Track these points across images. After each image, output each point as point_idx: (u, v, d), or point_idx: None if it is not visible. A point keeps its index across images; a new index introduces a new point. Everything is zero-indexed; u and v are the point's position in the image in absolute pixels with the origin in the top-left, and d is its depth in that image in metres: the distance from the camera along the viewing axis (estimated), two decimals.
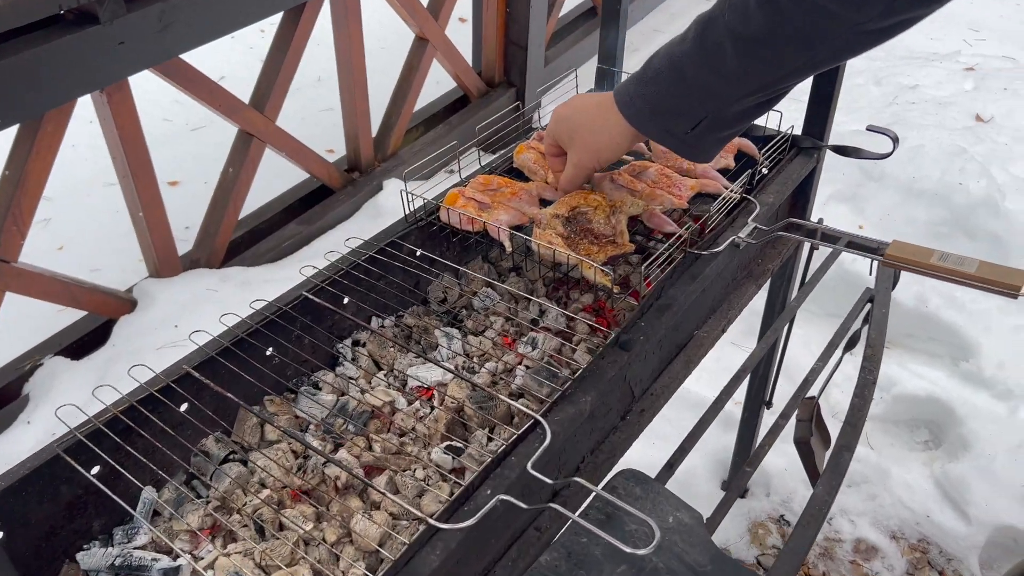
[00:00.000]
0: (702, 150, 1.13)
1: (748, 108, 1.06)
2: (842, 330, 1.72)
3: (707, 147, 1.13)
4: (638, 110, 1.11)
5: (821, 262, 1.83)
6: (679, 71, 1.06)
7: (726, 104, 1.05)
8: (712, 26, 1.01)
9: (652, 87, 1.09)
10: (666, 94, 1.08)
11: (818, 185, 1.88)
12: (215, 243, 2.90)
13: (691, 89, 1.05)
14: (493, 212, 1.48)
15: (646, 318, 1.30)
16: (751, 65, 1.01)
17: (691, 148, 1.12)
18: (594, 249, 1.41)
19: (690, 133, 1.09)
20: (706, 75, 1.03)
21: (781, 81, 1.04)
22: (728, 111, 1.06)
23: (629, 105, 1.12)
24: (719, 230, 1.49)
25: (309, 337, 1.41)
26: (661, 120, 1.10)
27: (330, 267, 1.40)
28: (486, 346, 1.51)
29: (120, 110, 2.34)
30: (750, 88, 1.03)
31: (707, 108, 1.06)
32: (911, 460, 2.70)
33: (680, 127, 1.09)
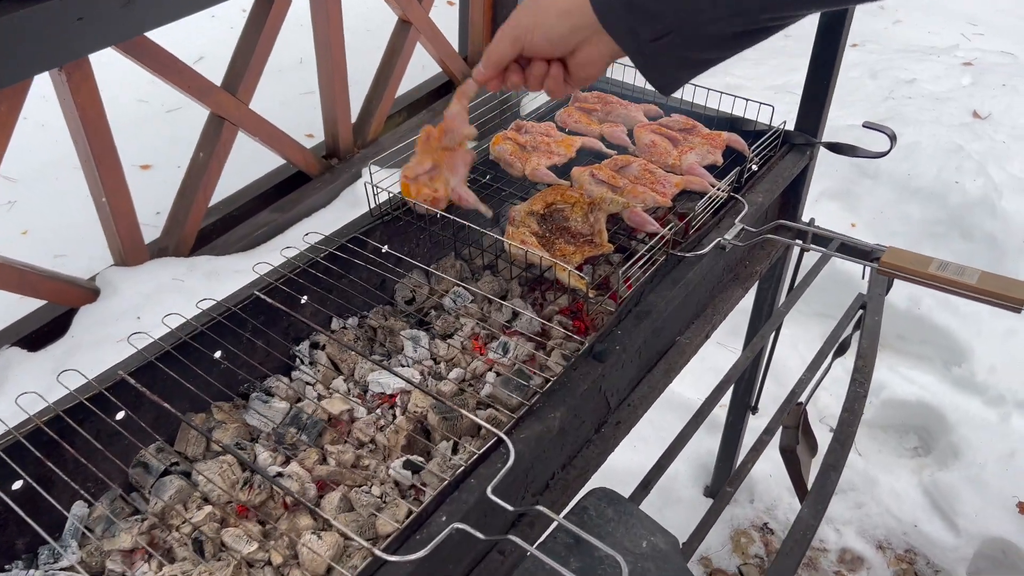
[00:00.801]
0: (662, 70, 0.96)
1: (727, 35, 0.91)
2: (832, 337, 1.65)
3: (668, 68, 0.96)
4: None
5: (812, 264, 1.75)
6: None
7: (701, 18, 0.90)
8: None
9: None
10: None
11: (810, 183, 1.80)
12: (184, 231, 2.79)
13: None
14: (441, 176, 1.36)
15: (623, 325, 1.21)
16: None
17: (649, 63, 0.96)
18: (570, 249, 1.33)
19: (654, 42, 0.93)
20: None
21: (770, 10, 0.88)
22: (703, 29, 0.91)
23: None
24: (704, 230, 1.41)
25: (263, 339, 1.32)
26: (627, 14, 0.93)
27: (286, 264, 1.31)
28: (455, 350, 1.43)
29: (80, 90, 2.23)
30: (733, 7, 0.88)
31: (682, 18, 0.90)
32: (900, 467, 2.64)
33: (645, 31, 0.93)
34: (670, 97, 1.77)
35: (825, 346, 1.60)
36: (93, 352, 2.27)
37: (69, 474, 1.06)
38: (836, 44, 1.52)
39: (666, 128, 1.61)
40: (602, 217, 1.37)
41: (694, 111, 1.73)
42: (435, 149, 1.29)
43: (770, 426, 1.39)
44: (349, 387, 1.37)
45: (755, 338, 1.47)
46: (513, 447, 0.99)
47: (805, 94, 1.63)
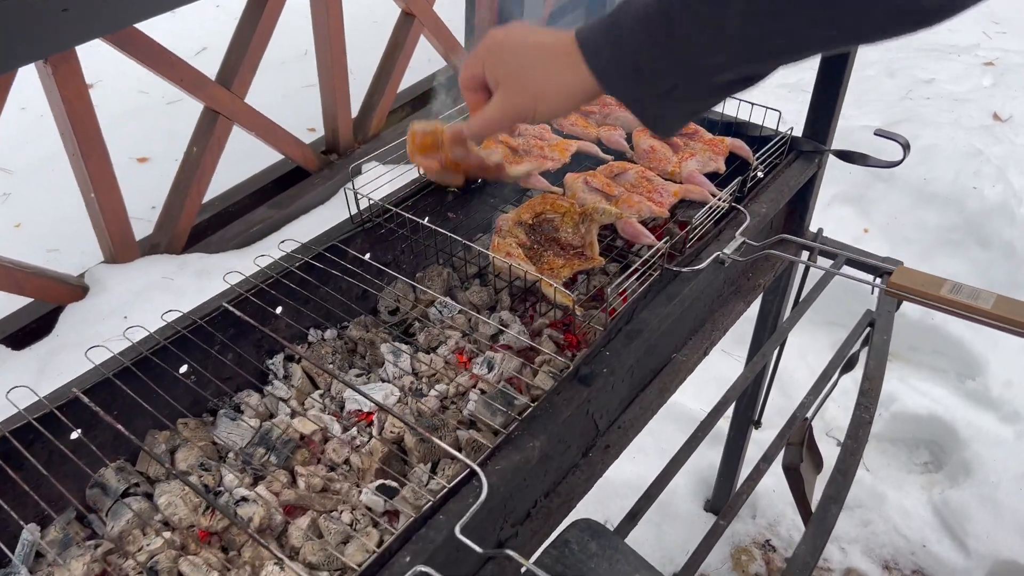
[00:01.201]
0: (666, 121, 0.92)
1: (733, 81, 0.87)
2: (839, 354, 1.57)
3: (673, 119, 0.92)
4: (606, 61, 0.89)
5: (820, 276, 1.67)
6: (666, 22, 0.84)
7: (713, 72, 0.85)
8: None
9: (628, 35, 0.87)
10: (643, 47, 0.86)
11: (819, 190, 1.72)
12: (176, 227, 2.74)
13: (675, 47, 0.85)
14: None
15: (613, 345, 1.15)
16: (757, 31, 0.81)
17: (654, 116, 0.91)
18: (559, 262, 1.26)
19: (659, 99, 0.89)
20: (698, 33, 0.83)
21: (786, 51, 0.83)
22: (711, 80, 0.86)
23: (596, 54, 0.89)
24: (703, 243, 1.34)
25: (233, 352, 1.26)
26: (631, 77, 0.88)
27: (258, 274, 1.25)
28: (438, 365, 1.36)
29: (67, 83, 2.18)
30: (747, 55, 0.83)
31: (688, 73, 0.86)
32: (909, 483, 2.56)
33: (650, 90, 0.88)
34: None
35: (832, 363, 1.53)
36: (77, 352, 2.21)
37: (19, 496, 1.01)
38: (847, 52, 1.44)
39: None
40: (594, 228, 1.30)
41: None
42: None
43: (772, 449, 1.32)
44: (325, 403, 1.31)
45: (757, 356, 1.39)
46: (487, 480, 0.93)
47: (814, 99, 1.55)
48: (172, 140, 3.86)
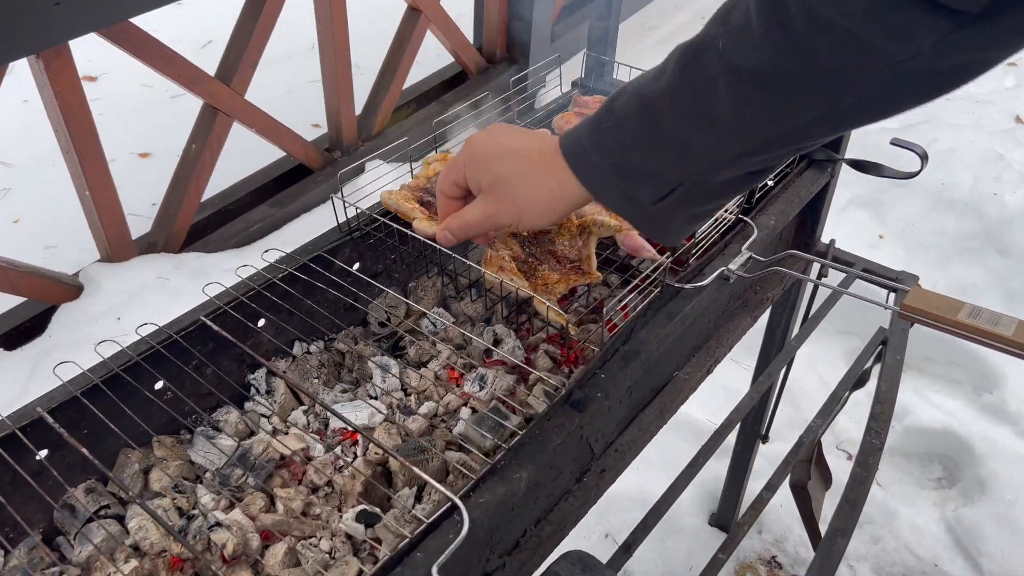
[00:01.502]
0: (669, 228, 0.85)
1: (736, 178, 0.80)
2: (851, 373, 1.51)
3: (676, 225, 0.85)
4: (593, 165, 0.83)
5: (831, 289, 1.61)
6: (651, 117, 0.78)
7: (711, 168, 0.79)
8: (700, 57, 0.75)
9: (614, 136, 0.81)
10: (632, 147, 0.80)
11: (832, 198, 1.65)
12: (174, 226, 2.70)
13: (666, 143, 0.78)
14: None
15: (608, 367, 1.09)
16: (751, 113, 0.74)
17: (655, 224, 0.85)
18: (554, 277, 1.20)
19: (657, 204, 0.82)
20: (688, 125, 0.76)
21: (788, 139, 0.75)
22: (711, 178, 0.80)
23: (582, 160, 0.84)
24: (707, 257, 1.27)
25: (213, 366, 1.21)
26: (622, 181, 0.82)
27: (239, 286, 1.20)
28: (427, 381, 1.31)
29: (60, 79, 2.14)
30: (746, 146, 0.76)
31: (684, 172, 0.79)
32: (921, 500, 2.49)
33: (645, 194, 0.82)
34: None
35: (842, 383, 1.46)
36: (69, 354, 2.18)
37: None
38: None
39: None
40: (591, 242, 1.24)
41: None
42: None
43: (776, 477, 1.26)
44: (309, 420, 1.26)
45: (763, 375, 1.34)
46: (469, 515, 0.87)
47: None
48: (175, 135, 3.83)
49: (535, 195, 0.89)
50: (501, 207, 0.92)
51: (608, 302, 1.42)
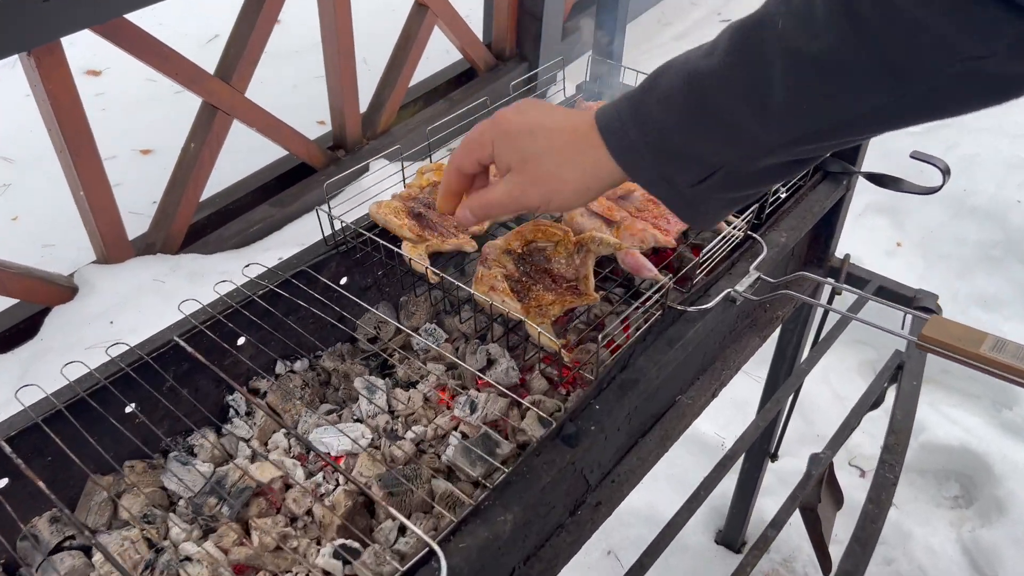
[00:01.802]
0: (704, 212, 0.81)
1: (780, 165, 0.76)
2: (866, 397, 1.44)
3: (712, 210, 0.81)
4: (631, 143, 0.79)
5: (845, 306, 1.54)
6: (699, 96, 0.74)
7: (757, 154, 0.74)
8: (757, 37, 0.70)
9: (656, 113, 0.77)
10: (675, 127, 0.76)
11: (848, 211, 1.58)
12: (172, 226, 2.66)
13: (712, 125, 0.74)
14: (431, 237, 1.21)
15: (604, 398, 1.03)
16: (807, 100, 0.69)
17: (689, 207, 0.81)
18: (549, 297, 1.14)
19: (694, 187, 0.78)
20: (739, 107, 0.72)
21: (842, 131, 0.71)
22: (755, 164, 0.76)
23: (619, 136, 0.79)
24: (713, 276, 1.21)
25: (189, 387, 1.16)
26: (661, 161, 0.78)
27: (217, 303, 1.15)
28: (416, 403, 1.25)
29: (51, 76, 2.09)
30: (797, 134, 0.72)
31: (728, 156, 0.75)
32: (937, 519, 2.42)
33: (683, 176, 0.77)
34: None
35: (856, 409, 1.39)
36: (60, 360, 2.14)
37: None
38: None
39: None
40: (589, 260, 1.17)
41: None
42: None
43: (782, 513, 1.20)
44: (290, 443, 1.21)
45: (771, 401, 1.27)
46: (447, 563, 0.81)
47: None
48: (178, 131, 3.78)
49: (568, 174, 0.83)
50: (530, 187, 0.86)
51: (609, 320, 1.36)
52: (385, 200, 1.25)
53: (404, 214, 1.23)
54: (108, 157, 3.81)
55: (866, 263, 2.98)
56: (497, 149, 0.87)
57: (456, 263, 1.49)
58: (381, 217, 1.19)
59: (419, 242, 1.16)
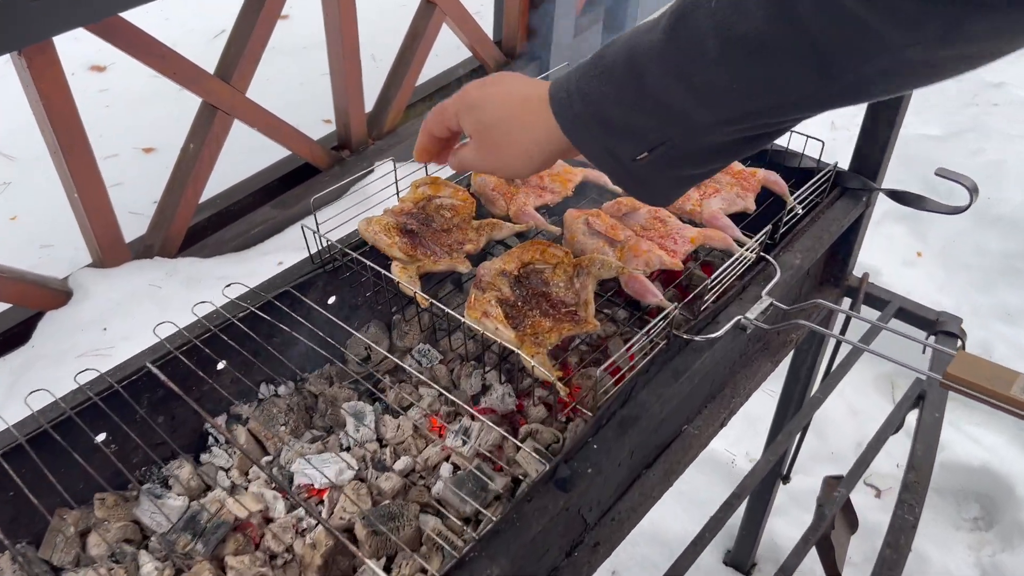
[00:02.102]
0: (654, 188, 0.82)
1: (728, 143, 0.76)
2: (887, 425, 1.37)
3: (661, 186, 0.81)
4: (575, 114, 0.80)
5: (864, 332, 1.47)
6: (637, 70, 0.74)
7: (693, 132, 0.75)
8: (692, 15, 0.70)
9: (598, 85, 0.77)
10: (615, 99, 0.77)
11: (866, 230, 1.50)
12: (170, 228, 2.61)
13: (649, 100, 0.74)
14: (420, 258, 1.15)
15: (602, 436, 0.96)
16: (739, 80, 0.69)
17: (638, 183, 0.81)
18: (546, 324, 1.07)
19: (639, 161, 0.78)
20: (673, 83, 0.72)
21: (777, 111, 0.71)
22: (698, 141, 0.76)
23: (564, 105, 0.81)
24: (723, 301, 1.14)
25: (165, 413, 1.10)
26: (603, 134, 0.79)
27: (193, 327, 1.09)
28: (406, 431, 1.19)
29: (43, 76, 2.04)
30: (732, 113, 0.72)
31: (667, 131, 0.75)
32: (955, 541, 2.34)
33: (625, 150, 0.78)
34: None
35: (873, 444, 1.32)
36: (51, 368, 2.11)
37: None
38: None
39: None
40: (590, 284, 1.11)
41: None
42: None
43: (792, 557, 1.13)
44: (273, 473, 1.15)
45: (781, 435, 1.20)
46: None
47: (864, 130, 1.34)
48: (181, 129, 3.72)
49: (518, 141, 0.87)
50: (487, 154, 0.91)
51: (612, 343, 1.30)
52: (376, 215, 1.19)
53: (395, 231, 1.16)
54: (109, 155, 3.79)
55: (884, 274, 2.90)
56: (460, 119, 0.93)
57: (454, 278, 1.43)
58: (370, 235, 1.13)
59: (409, 262, 1.10)
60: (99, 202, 2.35)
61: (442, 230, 1.20)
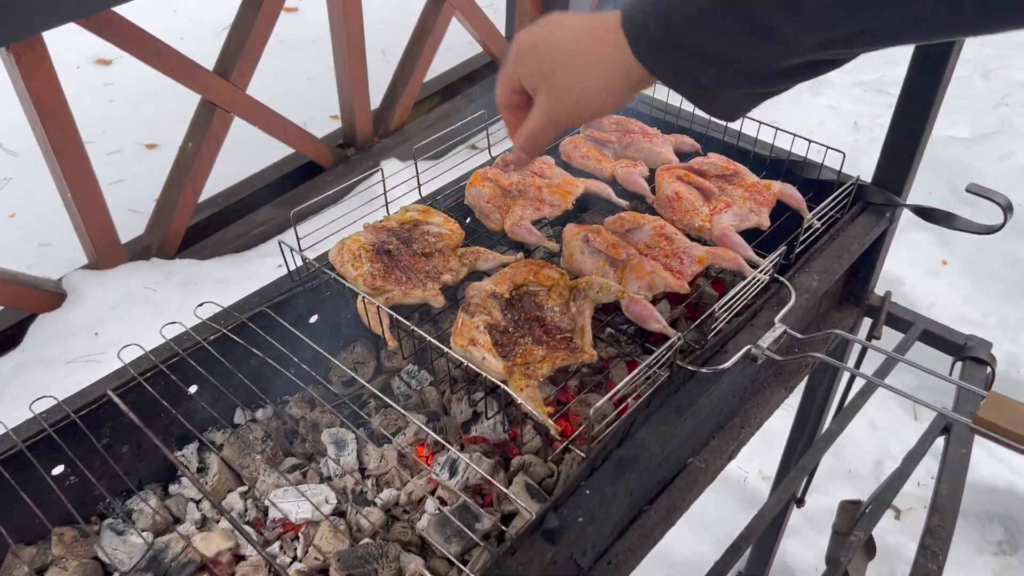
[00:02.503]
0: (727, 105, 0.78)
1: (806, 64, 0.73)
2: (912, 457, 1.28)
3: (735, 103, 0.78)
4: (651, 39, 0.75)
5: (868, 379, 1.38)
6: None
7: (782, 53, 0.71)
8: None
9: (680, 8, 0.72)
10: (700, 21, 0.72)
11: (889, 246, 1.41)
12: (169, 229, 2.56)
13: (741, 22, 0.70)
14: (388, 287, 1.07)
15: (595, 480, 0.89)
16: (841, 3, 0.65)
17: (712, 100, 0.77)
18: (538, 353, 0.99)
19: (718, 84, 0.75)
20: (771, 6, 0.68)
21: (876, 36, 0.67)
22: (778, 63, 0.73)
23: (640, 31, 0.75)
24: (732, 327, 1.06)
25: (132, 441, 1.04)
26: (684, 59, 0.74)
27: (161, 350, 1.02)
28: (390, 460, 1.12)
29: (33, 73, 1.99)
30: (828, 36, 0.68)
31: (752, 53, 0.72)
32: (977, 565, 2.24)
33: (707, 74, 0.75)
34: (708, 128, 1.41)
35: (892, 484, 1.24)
36: (40, 373, 2.06)
37: None
38: (936, 85, 1.14)
39: (697, 174, 1.25)
40: (587, 309, 1.03)
41: (741, 146, 1.37)
42: None
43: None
44: (247, 505, 1.08)
45: (792, 472, 1.12)
46: None
47: (889, 141, 1.25)
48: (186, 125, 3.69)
49: (591, 78, 0.80)
50: (558, 103, 0.83)
51: (614, 365, 1.22)
52: (353, 235, 1.11)
53: (368, 253, 1.09)
54: (112, 151, 3.74)
55: (907, 284, 2.79)
56: (521, 71, 0.85)
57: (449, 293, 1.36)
58: (338, 263, 1.06)
59: (375, 294, 1.03)
60: (94, 203, 2.30)
61: (422, 254, 1.12)
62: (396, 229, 1.14)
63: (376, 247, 1.10)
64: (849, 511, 1.37)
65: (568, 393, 1.22)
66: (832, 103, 3.64)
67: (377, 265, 1.09)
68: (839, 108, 3.60)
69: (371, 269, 1.07)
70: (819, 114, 3.57)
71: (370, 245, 1.10)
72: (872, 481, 2.39)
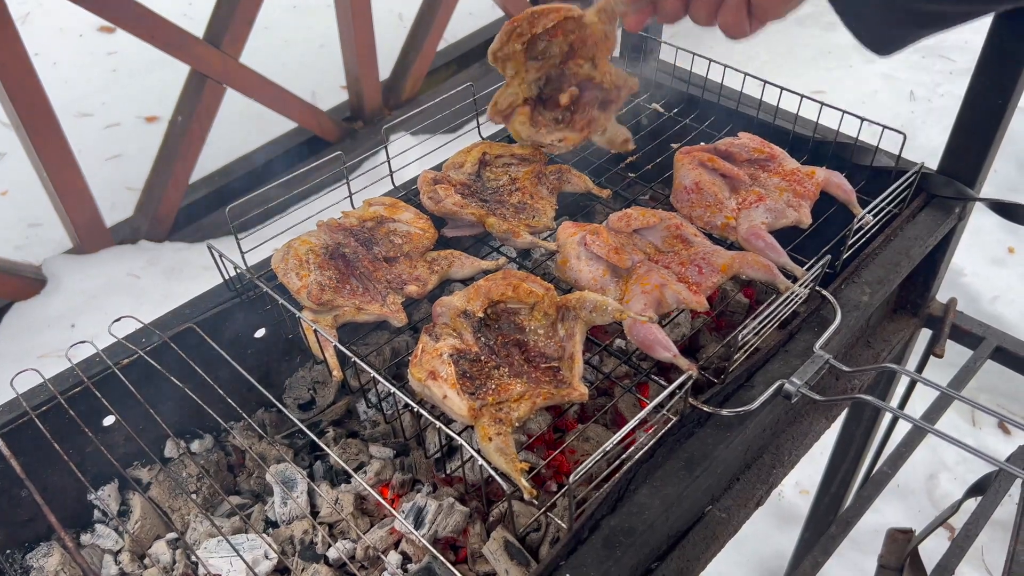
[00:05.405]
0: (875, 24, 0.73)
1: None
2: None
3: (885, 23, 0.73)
4: None
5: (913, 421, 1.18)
6: None
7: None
8: None
9: None
10: None
11: (957, 245, 1.20)
12: (158, 210, 2.42)
13: None
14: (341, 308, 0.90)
15: (579, 559, 0.71)
16: None
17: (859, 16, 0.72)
18: (515, 388, 0.81)
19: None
20: None
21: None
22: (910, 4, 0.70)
23: None
24: (759, 357, 0.86)
25: (38, 481, 0.88)
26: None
27: (63, 378, 0.86)
28: (346, 506, 0.95)
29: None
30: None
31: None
32: None
33: None
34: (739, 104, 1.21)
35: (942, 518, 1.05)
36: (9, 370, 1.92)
37: None
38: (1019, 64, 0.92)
39: (723, 158, 1.05)
40: (579, 331, 0.85)
41: (777, 125, 1.16)
42: None
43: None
44: (175, 556, 0.93)
45: (832, 528, 0.93)
46: None
47: (961, 120, 1.03)
48: None
49: None
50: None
51: (623, 387, 1.04)
52: (302, 236, 0.94)
53: (319, 259, 0.92)
54: (111, 124, 3.62)
55: (967, 274, 2.54)
56: None
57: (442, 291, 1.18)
58: (281, 271, 0.89)
59: (322, 312, 0.85)
60: (73, 184, 2.16)
61: (384, 258, 0.95)
62: (355, 228, 0.97)
63: (329, 251, 0.93)
64: (899, 541, 1.19)
65: (571, 424, 1.05)
66: (886, 70, 3.37)
67: (328, 273, 0.91)
68: (894, 76, 3.33)
69: (319, 278, 0.90)
70: (871, 82, 3.30)
71: (322, 248, 0.92)
72: (924, 498, 2.18)
